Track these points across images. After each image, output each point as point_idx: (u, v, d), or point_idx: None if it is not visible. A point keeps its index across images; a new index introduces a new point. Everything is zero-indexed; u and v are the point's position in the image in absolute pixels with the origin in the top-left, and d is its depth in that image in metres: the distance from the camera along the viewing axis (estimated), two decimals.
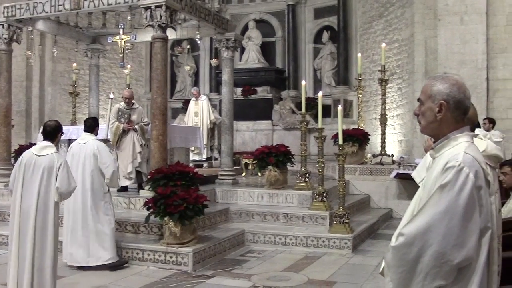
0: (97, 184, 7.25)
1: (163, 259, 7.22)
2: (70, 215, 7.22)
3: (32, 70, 16.46)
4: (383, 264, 2.61)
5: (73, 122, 14.30)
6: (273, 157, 9.73)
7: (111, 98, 8.59)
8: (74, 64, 14.66)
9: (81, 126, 11.66)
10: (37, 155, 5.50)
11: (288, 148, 10.11)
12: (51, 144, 5.60)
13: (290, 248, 8.39)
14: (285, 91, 16.25)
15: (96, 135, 7.51)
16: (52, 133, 5.62)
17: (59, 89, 16.91)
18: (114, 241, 7.27)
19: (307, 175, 9.78)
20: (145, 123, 9.31)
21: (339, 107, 9.08)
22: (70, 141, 10.38)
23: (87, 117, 8.40)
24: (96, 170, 7.22)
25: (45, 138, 5.66)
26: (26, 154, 5.64)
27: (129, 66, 14.11)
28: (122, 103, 9.44)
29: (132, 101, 9.43)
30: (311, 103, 14.29)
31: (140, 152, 9.14)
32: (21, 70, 16.05)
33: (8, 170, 11.05)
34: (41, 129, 6.30)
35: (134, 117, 9.22)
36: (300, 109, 14.69)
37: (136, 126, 9.12)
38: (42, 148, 5.55)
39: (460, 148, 2.42)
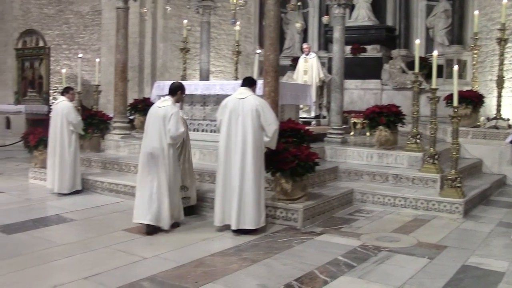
0: (258, 142, 6.90)
1: (273, 214, 7.35)
2: (227, 173, 6.97)
3: (145, 27, 16.97)
4: None
5: (184, 78, 14.64)
6: (384, 117, 9.58)
7: (258, 53, 8.43)
8: (185, 21, 14.91)
9: (191, 82, 12.08)
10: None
11: (400, 109, 9.90)
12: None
13: (399, 210, 8.31)
14: (396, 50, 15.81)
15: (254, 92, 7.25)
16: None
17: (170, 45, 17.36)
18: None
19: (418, 136, 9.55)
20: None
21: (455, 67, 8.74)
22: None
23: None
24: (258, 127, 6.88)
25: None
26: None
27: (238, 22, 14.21)
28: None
29: None
30: (423, 62, 13.83)
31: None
32: (134, 27, 16.59)
33: (124, 122, 11.61)
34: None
35: None
36: (410, 68, 14.35)
37: None
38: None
39: None
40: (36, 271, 5.52)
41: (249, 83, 7.22)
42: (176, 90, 7.25)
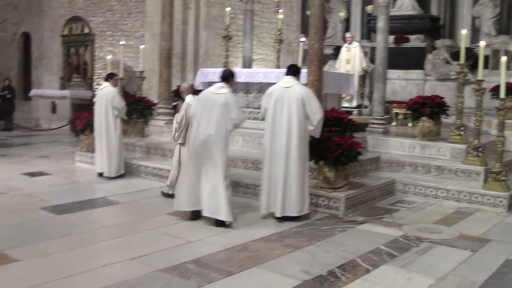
0: (303, 130, 6.93)
1: (315, 202, 7.42)
2: (272, 161, 6.99)
3: (188, 14, 17.12)
4: None
5: (226, 65, 14.71)
6: (428, 108, 9.51)
7: (302, 41, 8.42)
8: (228, 9, 14.96)
9: (235, 69, 12.13)
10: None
11: (443, 100, 9.82)
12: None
13: (441, 202, 8.27)
14: (440, 40, 15.54)
15: (299, 80, 7.25)
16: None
17: (212, 32, 17.47)
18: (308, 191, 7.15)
19: (462, 128, 9.46)
20: None
21: (503, 58, 8.59)
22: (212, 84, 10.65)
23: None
24: (303, 115, 6.89)
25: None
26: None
27: (281, 11, 14.22)
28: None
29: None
30: (468, 53, 13.60)
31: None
32: (178, 14, 16.70)
33: (167, 109, 11.78)
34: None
35: None
36: (454, 59, 14.14)
37: None
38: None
39: None
40: (85, 251, 5.73)
41: (294, 71, 7.21)
42: (229, 77, 7.09)
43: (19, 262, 5.26)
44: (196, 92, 8.47)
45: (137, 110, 11.48)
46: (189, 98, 8.07)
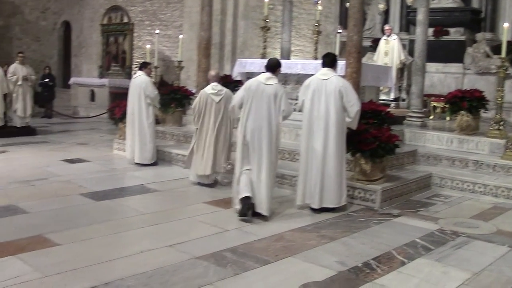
0: (340, 122, 6.90)
1: (351, 194, 7.43)
2: (309, 153, 6.98)
3: (227, 4, 17.17)
4: None
5: (263, 56, 14.72)
6: (466, 102, 9.41)
7: (339, 33, 8.40)
8: None
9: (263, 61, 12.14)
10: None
11: (483, 94, 9.69)
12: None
13: (478, 197, 8.17)
14: (480, 33, 15.29)
15: (336, 71, 7.22)
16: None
17: (250, 23, 17.48)
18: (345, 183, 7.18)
19: (501, 122, 9.32)
20: None
21: None
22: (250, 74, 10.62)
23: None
24: (340, 107, 6.87)
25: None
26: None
27: (319, 2, 14.16)
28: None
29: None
30: (509, 47, 13.34)
31: None
32: (216, 5, 16.73)
33: None
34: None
35: None
36: (495, 53, 13.92)
37: None
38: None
39: None
40: (124, 236, 5.87)
41: (330, 62, 7.15)
42: (276, 67, 6.96)
43: (60, 246, 5.41)
44: (220, 80, 8.79)
45: (175, 99, 11.60)
46: (207, 87, 8.36)
